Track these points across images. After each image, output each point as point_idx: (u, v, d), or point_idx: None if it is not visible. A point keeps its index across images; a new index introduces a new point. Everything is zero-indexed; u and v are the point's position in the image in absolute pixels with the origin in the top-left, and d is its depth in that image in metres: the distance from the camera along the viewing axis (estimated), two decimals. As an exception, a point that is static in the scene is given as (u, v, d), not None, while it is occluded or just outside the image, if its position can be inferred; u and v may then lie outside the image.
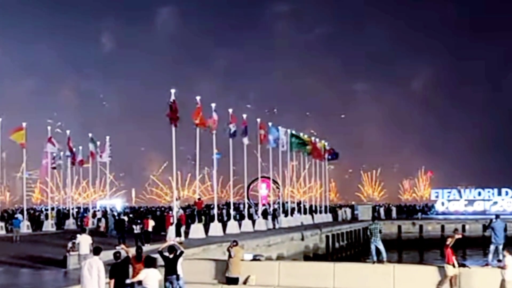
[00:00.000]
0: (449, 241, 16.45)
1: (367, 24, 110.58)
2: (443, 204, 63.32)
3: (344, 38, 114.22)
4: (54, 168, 44.93)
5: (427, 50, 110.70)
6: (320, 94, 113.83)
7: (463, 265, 16.80)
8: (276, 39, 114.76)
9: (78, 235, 19.47)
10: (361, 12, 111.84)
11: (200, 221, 31.75)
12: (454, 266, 16.05)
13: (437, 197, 64.68)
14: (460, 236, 17.30)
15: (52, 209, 45.51)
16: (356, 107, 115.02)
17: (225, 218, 38.73)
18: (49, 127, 42.89)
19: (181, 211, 33.63)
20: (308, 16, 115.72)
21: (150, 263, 13.55)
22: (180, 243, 18.78)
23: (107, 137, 43.05)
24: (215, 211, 35.51)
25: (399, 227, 49.70)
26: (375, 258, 18.59)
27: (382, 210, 59.17)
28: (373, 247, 18.74)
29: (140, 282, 13.15)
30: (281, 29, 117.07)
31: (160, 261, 15.36)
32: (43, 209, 53.88)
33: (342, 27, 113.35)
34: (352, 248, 40.52)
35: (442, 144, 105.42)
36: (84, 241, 18.70)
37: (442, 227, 49.09)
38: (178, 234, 26.45)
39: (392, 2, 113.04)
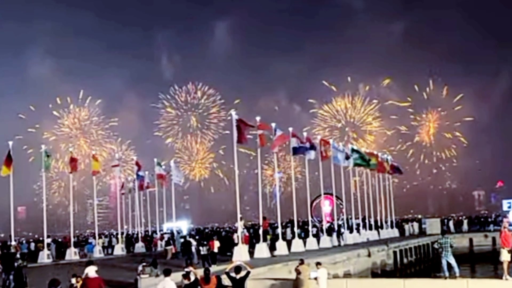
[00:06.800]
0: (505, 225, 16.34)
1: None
2: (516, 214, 60.43)
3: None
4: (123, 194, 46.78)
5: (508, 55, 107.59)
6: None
7: None
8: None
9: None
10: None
11: (265, 240, 31.81)
12: (509, 251, 15.70)
13: (509, 207, 61.79)
14: None
15: (122, 233, 46.89)
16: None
17: (289, 236, 38.63)
18: (117, 155, 44.53)
19: (245, 231, 33.80)
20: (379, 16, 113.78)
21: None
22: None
23: (172, 161, 44.19)
24: (279, 230, 35.49)
25: (471, 240, 47.82)
26: (447, 274, 18.11)
27: (451, 223, 57.15)
28: (444, 262, 18.27)
29: None
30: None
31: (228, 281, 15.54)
32: (114, 233, 55.57)
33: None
34: (421, 263, 39.33)
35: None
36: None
37: (517, 239, 46.83)
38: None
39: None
